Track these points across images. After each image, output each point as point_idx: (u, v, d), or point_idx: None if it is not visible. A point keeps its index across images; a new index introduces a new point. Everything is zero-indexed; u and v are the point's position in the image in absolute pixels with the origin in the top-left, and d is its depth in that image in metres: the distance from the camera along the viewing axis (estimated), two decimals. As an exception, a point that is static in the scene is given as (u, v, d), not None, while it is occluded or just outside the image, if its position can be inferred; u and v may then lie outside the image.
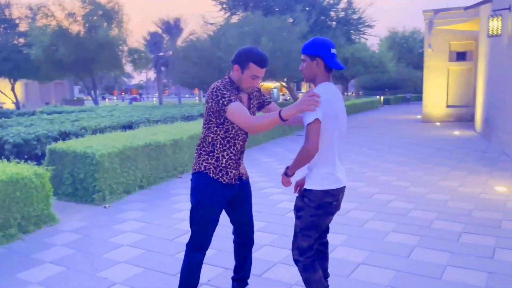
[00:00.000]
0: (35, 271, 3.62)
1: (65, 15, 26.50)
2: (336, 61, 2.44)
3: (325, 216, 2.48)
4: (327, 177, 2.42)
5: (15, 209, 4.43)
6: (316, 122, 2.29)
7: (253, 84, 2.57)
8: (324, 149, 2.39)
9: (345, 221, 4.78)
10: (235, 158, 2.65)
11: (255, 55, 2.50)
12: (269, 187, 6.55)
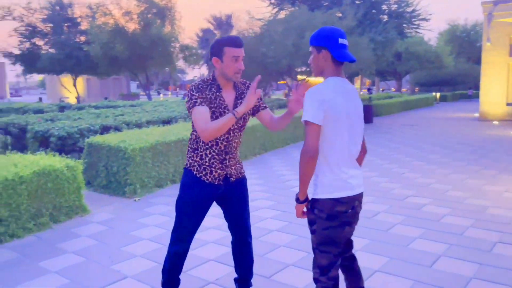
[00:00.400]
0: (56, 260, 3.77)
1: (121, 13, 27.67)
2: (345, 53, 2.17)
3: (341, 228, 2.19)
4: (335, 184, 2.17)
5: (47, 199, 4.66)
6: (310, 124, 2.08)
7: (238, 67, 2.48)
8: (330, 152, 2.16)
9: (371, 224, 4.56)
10: (219, 158, 2.59)
11: (226, 38, 2.49)
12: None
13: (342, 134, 2.16)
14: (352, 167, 2.24)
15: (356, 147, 2.25)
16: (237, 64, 2.47)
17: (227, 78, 2.53)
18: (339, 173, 2.18)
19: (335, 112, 2.12)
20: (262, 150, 9.46)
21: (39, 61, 28.71)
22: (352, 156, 2.23)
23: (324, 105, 2.09)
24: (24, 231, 4.40)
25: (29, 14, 30.13)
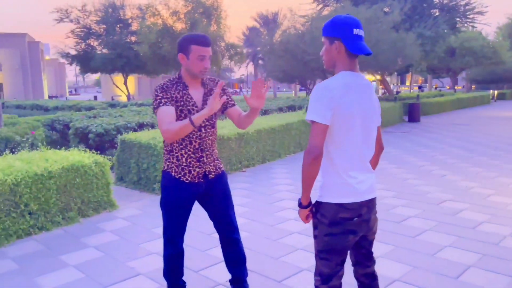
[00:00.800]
0: (76, 254, 3.87)
1: (169, 13, 28.39)
2: (360, 44, 1.97)
3: (343, 236, 2.01)
4: (341, 188, 2.00)
5: (76, 194, 4.80)
6: (316, 124, 1.91)
7: (203, 66, 2.44)
8: (337, 154, 1.99)
9: (398, 229, 4.31)
10: (195, 156, 2.56)
11: (194, 36, 2.46)
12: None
13: (353, 135, 1.98)
14: (363, 171, 2.05)
15: (369, 149, 2.06)
16: (203, 63, 2.44)
17: (192, 75, 2.50)
18: (346, 177, 1.99)
19: (345, 111, 1.93)
20: (297, 149, 9.30)
21: (93, 61, 30.11)
22: (364, 159, 2.04)
23: (332, 103, 1.92)
24: (52, 224, 4.56)
25: (85, 16, 31.66)
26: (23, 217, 4.31)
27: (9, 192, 4.15)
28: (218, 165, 2.70)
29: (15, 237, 4.22)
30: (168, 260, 2.72)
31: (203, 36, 2.46)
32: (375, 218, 2.14)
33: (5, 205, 4.13)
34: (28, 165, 4.49)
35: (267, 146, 8.17)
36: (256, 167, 7.74)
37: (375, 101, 2.09)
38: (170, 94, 2.46)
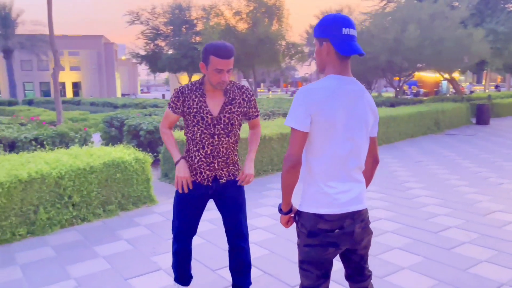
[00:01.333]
0: (108, 246, 4.09)
1: (232, 14, 28.93)
2: (349, 45, 1.82)
3: (322, 248, 1.90)
4: (319, 198, 1.88)
5: (116, 188, 5.07)
6: (293, 130, 1.83)
7: (221, 79, 2.42)
8: (316, 162, 1.88)
9: (433, 239, 4.05)
10: (206, 161, 2.60)
11: (215, 46, 2.38)
12: (418, 189, 6.00)
13: (333, 144, 1.86)
14: (346, 181, 1.90)
15: (357, 159, 1.92)
16: (220, 75, 2.41)
17: (211, 85, 2.49)
18: (323, 187, 1.88)
19: (326, 118, 1.82)
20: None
21: (160, 61, 31.53)
22: (350, 169, 1.90)
23: (312, 109, 1.81)
24: (94, 216, 4.86)
25: (154, 18, 33.25)
26: (67, 208, 4.63)
27: (54, 185, 4.48)
28: (233, 171, 2.69)
29: (58, 226, 4.55)
30: (175, 255, 2.81)
31: (224, 48, 2.37)
32: (363, 232, 1.98)
33: (50, 196, 4.47)
34: (73, 160, 4.82)
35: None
36: (300, 168, 7.66)
37: (368, 109, 1.94)
38: (182, 102, 2.56)
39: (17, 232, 4.25)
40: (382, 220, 4.66)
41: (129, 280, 3.36)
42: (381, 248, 3.86)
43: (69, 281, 3.37)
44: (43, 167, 4.48)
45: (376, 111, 2.01)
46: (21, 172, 4.27)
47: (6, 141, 5.60)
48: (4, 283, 3.35)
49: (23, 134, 5.79)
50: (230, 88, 2.57)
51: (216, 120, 2.54)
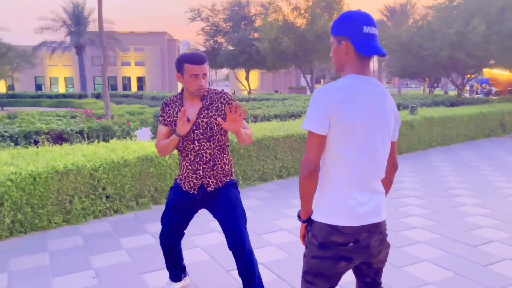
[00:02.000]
0: (134, 239, 4.19)
1: (290, 9, 28.70)
2: (370, 44, 1.70)
3: (333, 262, 1.76)
4: (336, 208, 1.75)
5: (149, 182, 5.19)
6: (310, 134, 1.71)
7: (198, 84, 2.52)
8: (335, 170, 1.74)
9: (469, 254, 3.70)
10: (192, 168, 2.65)
11: (186, 55, 2.52)
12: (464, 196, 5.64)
13: (352, 149, 1.71)
14: (366, 192, 1.76)
15: (378, 166, 1.77)
16: (197, 81, 2.51)
17: (190, 93, 2.58)
18: (343, 196, 1.74)
19: (344, 120, 1.68)
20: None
21: (218, 57, 32.08)
22: (370, 177, 1.76)
23: (330, 111, 1.67)
24: (127, 208, 5.01)
25: (214, 14, 33.89)
26: (101, 199, 4.81)
27: (89, 176, 4.67)
28: (221, 178, 2.69)
29: (92, 216, 4.75)
30: (162, 247, 2.92)
31: (196, 54, 2.50)
32: (380, 245, 1.82)
33: (85, 187, 4.66)
34: (109, 153, 4.99)
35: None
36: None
37: (390, 112, 1.78)
38: (168, 113, 2.65)
39: (53, 220, 4.48)
40: (417, 229, 4.36)
41: (143, 275, 3.41)
42: (408, 260, 3.60)
43: (89, 271, 3.49)
44: (80, 159, 4.69)
45: (398, 114, 1.87)
46: (58, 163, 4.49)
47: (54, 133, 5.94)
48: (31, 268, 3.54)
49: (69, 127, 6.12)
50: (207, 94, 2.62)
51: (195, 126, 2.58)
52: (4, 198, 4.10)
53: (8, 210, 4.15)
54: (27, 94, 33.72)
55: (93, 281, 3.31)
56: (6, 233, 4.18)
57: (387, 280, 3.14)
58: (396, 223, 4.56)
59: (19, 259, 3.71)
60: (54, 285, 3.24)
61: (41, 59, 41.85)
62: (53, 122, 6.44)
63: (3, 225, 4.14)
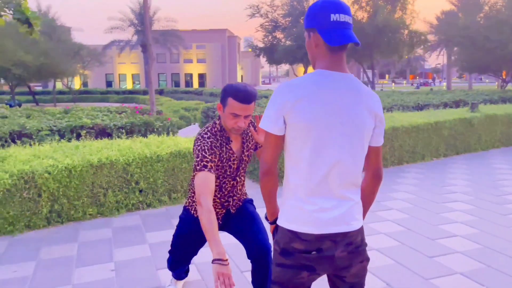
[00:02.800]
0: (159, 234, 4.24)
1: (351, 2, 27.86)
2: (339, 33, 1.51)
3: (295, 270, 1.62)
4: (296, 214, 1.60)
5: (182, 177, 5.24)
6: (266, 133, 1.60)
7: (236, 124, 2.18)
8: (292, 172, 1.60)
9: (511, 270, 3.30)
10: (220, 201, 2.50)
11: (235, 88, 2.14)
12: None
13: (312, 152, 1.55)
14: (332, 198, 1.59)
15: (347, 172, 1.58)
16: (236, 120, 2.17)
17: (226, 128, 2.29)
18: (302, 202, 1.59)
19: (299, 120, 1.53)
20: (450, 152, 8.03)
21: (276, 53, 32.01)
22: (335, 183, 1.58)
23: (284, 109, 1.54)
24: (159, 202, 5.09)
25: (272, 10, 33.82)
26: (134, 193, 4.93)
27: (122, 171, 4.80)
28: (242, 197, 2.58)
29: (125, 209, 4.88)
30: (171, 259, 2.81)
31: (244, 91, 2.13)
32: (351, 257, 1.63)
33: (119, 181, 4.80)
34: (143, 148, 5.10)
35: (405, 146, 7.30)
36: (388, 168, 7.03)
37: (366, 112, 1.57)
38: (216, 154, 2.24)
39: (88, 212, 4.66)
40: (457, 238, 3.98)
41: (159, 271, 3.42)
42: (439, 271, 3.28)
43: (110, 264, 3.57)
44: (114, 153, 4.83)
45: (379, 115, 1.63)
46: (93, 157, 4.66)
47: (98, 127, 6.21)
48: (58, 258, 3.69)
49: (113, 122, 6.36)
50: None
51: (239, 161, 2.39)
52: (42, 189, 4.32)
53: (45, 201, 4.37)
54: (97, 90, 35.94)
55: (111, 274, 3.38)
56: (44, 223, 4.41)
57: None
58: (433, 230, 4.21)
59: (49, 248, 3.89)
60: (73, 276, 3.34)
61: (111, 57, 44.35)
62: (98, 118, 6.73)
63: (40, 215, 4.37)
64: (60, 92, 35.29)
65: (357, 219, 1.64)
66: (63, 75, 26.29)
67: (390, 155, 7.09)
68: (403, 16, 26.52)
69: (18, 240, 4.08)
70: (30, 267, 3.50)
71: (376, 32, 25.66)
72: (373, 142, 1.67)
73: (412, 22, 26.64)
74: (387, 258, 3.56)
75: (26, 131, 5.77)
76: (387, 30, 25.46)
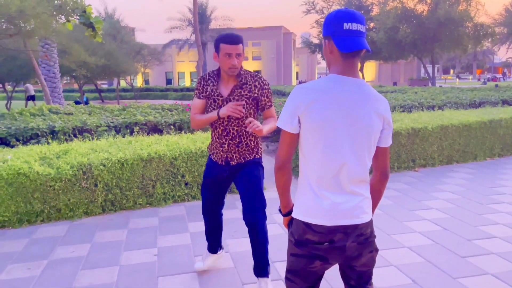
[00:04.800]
0: (200, 224, 4.52)
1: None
2: (351, 41, 1.64)
3: (308, 260, 1.76)
4: (310, 206, 1.74)
5: (225, 172, 5.50)
6: (282, 131, 1.77)
7: (231, 63, 2.65)
8: (306, 168, 1.75)
9: None
10: (219, 141, 2.85)
11: (223, 35, 2.67)
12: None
13: (323, 151, 1.69)
14: (342, 193, 1.73)
15: (355, 170, 1.72)
16: (230, 60, 2.65)
17: (224, 72, 2.74)
18: (316, 195, 1.73)
19: (311, 121, 1.67)
20: (506, 152, 7.66)
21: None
22: (345, 180, 1.72)
23: (299, 110, 1.69)
24: (203, 195, 5.40)
25: (328, 6, 33.46)
26: (180, 185, 5.27)
27: (169, 164, 5.15)
28: (245, 155, 2.86)
29: (172, 200, 5.24)
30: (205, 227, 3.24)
31: (231, 35, 2.66)
32: (361, 248, 1.77)
33: (166, 174, 5.16)
34: (189, 144, 5.43)
35: (456, 145, 7.08)
36: (436, 167, 6.86)
37: (374, 115, 1.71)
38: (204, 87, 2.82)
39: (138, 202, 5.07)
40: (495, 239, 3.89)
41: (197, 257, 3.70)
42: (469, 271, 3.27)
43: (153, 249, 3.90)
44: (162, 148, 5.19)
45: (387, 118, 1.77)
46: (143, 152, 5.05)
47: (150, 124, 6.65)
48: (109, 242, 4.09)
49: (164, 119, 6.77)
50: (243, 74, 2.77)
51: (226, 102, 2.76)
52: (98, 180, 4.77)
53: (101, 191, 4.82)
54: (157, 88, 37.54)
55: (153, 258, 3.70)
56: (99, 210, 4.87)
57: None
58: (472, 231, 4.13)
59: (103, 233, 4.32)
60: (121, 258, 3.71)
61: (170, 56, 46.05)
62: (151, 115, 7.19)
63: (96, 203, 4.83)
64: (123, 89, 37.34)
65: (366, 213, 1.77)
66: (125, 73, 27.80)
67: (438, 154, 6.92)
68: (468, 8, 25.16)
69: (76, 224, 4.55)
70: (85, 249, 3.92)
71: (437, 26, 24.62)
72: (381, 143, 1.80)
73: (477, 14, 25.21)
74: (417, 256, 3.59)
75: (87, 127, 6.33)
76: (449, 23, 24.32)
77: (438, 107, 9.67)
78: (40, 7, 9.33)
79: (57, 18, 10.21)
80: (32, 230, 4.40)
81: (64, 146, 5.35)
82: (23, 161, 4.61)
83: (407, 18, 26.02)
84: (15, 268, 3.56)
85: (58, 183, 4.55)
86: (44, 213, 4.60)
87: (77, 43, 16.12)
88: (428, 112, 8.42)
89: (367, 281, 1.85)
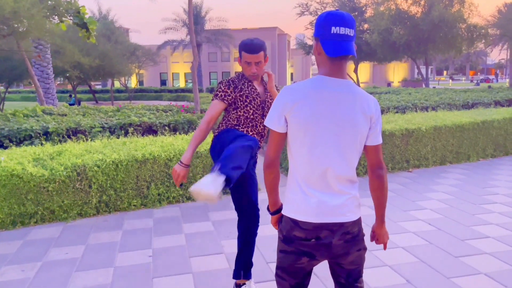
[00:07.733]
0: (195, 225, 4.52)
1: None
2: (337, 45, 1.66)
3: (296, 256, 1.79)
4: (297, 203, 1.77)
5: (220, 173, 5.50)
6: (270, 130, 1.81)
7: (251, 71, 2.74)
8: (294, 166, 1.80)
9: None
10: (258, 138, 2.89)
11: (243, 43, 2.74)
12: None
13: (309, 150, 1.73)
14: (329, 192, 1.75)
15: (341, 168, 1.74)
16: (250, 68, 2.76)
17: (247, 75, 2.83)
18: (303, 193, 1.76)
19: (297, 120, 1.71)
20: (498, 152, 7.72)
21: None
22: (332, 179, 1.75)
23: (286, 109, 1.73)
24: (198, 196, 5.39)
25: (322, 7, 33.50)
26: (174, 186, 5.26)
27: (164, 165, 5.14)
28: None
29: (166, 202, 5.23)
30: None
31: (251, 44, 2.72)
32: (347, 246, 1.79)
33: (161, 175, 5.15)
34: (183, 145, 5.42)
35: (449, 146, 7.13)
36: (429, 168, 6.90)
37: (361, 115, 1.72)
38: (233, 88, 2.76)
39: (133, 203, 5.05)
40: (488, 239, 3.93)
41: (192, 258, 3.70)
42: (463, 271, 3.29)
43: (148, 250, 3.90)
44: (157, 149, 5.18)
45: (375, 118, 1.79)
46: (137, 153, 5.04)
47: (145, 125, 6.63)
48: (104, 243, 4.08)
49: (158, 120, 6.76)
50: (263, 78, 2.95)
51: (263, 103, 2.84)
52: (92, 181, 4.75)
53: (95, 192, 4.81)
54: (151, 88, 37.48)
55: (148, 259, 3.70)
56: (94, 211, 4.85)
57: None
58: (465, 231, 4.17)
59: (97, 234, 4.30)
60: (116, 259, 3.70)
61: (165, 57, 45.96)
62: (145, 116, 7.17)
63: (91, 204, 4.81)
64: (117, 90, 37.21)
65: (353, 211, 1.79)
66: (119, 74, 27.70)
67: (432, 154, 6.97)
68: (461, 10, 25.34)
69: (70, 226, 4.53)
70: (79, 250, 3.91)
71: (431, 27, 24.76)
72: (370, 141, 1.81)
73: (470, 16, 25.40)
74: (411, 256, 3.61)
75: (81, 128, 6.31)
76: (443, 25, 24.47)
77: (431, 108, 9.73)
78: (34, 8, 9.29)
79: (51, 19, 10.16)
80: (26, 231, 4.38)
81: (58, 147, 5.33)
82: (17, 162, 4.58)
83: (401, 19, 26.15)
84: (9, 270, 3.54)
85: (52, 184, 4.53)
86: (38, 214, 4.58)
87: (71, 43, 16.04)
88: (421, 113, 8.48)
89: (357, 279, 1.87)
